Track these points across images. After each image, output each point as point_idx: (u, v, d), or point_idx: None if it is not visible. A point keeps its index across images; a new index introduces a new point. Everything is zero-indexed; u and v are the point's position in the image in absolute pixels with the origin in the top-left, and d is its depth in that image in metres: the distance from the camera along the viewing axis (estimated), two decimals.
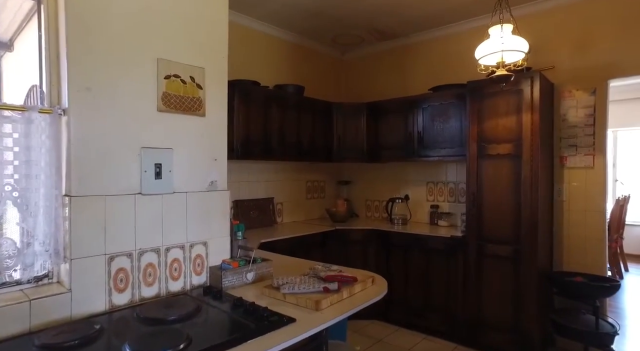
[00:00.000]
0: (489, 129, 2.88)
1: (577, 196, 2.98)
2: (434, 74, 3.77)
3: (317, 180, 4.23)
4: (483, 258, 2.90)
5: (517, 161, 2.74)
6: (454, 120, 3.28)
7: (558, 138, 3.07)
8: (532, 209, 2.68)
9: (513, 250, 2.76)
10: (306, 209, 4.10)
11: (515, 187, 2.75)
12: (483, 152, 2.90)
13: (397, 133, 3.67)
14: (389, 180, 4.12)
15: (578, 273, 2.90)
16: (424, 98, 3.49)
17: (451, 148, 3.30)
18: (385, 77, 4.19)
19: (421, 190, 3.85)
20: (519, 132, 2.73)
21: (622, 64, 2.81)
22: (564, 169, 3.05)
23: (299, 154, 3.56)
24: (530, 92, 2.68)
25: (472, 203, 2.94)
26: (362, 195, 4.35)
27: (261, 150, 3.23)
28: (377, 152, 3.83)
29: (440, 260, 3.14)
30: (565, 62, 3.04)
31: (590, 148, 2.93)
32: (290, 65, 3.94)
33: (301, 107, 3.58)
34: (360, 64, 4.43)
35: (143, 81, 1.48)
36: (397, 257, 3.41)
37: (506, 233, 2.79)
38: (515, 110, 2.75)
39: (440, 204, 3.69)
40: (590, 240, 2.92)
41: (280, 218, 3.82)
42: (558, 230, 3.06)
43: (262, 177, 3.65)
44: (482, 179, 2.90)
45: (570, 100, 3.01)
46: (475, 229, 2.93)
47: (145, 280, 1.46)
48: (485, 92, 2.89)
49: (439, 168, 3.73)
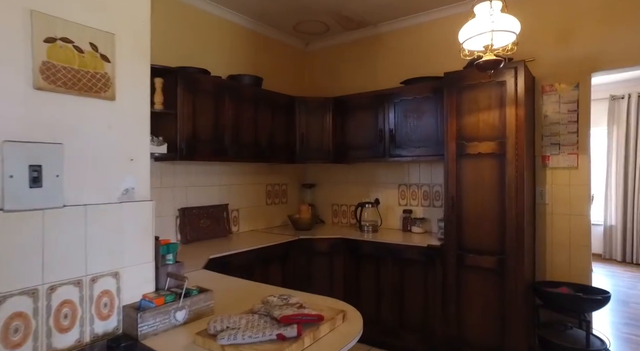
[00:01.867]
0: (469, 125, 2.58)
1: (561, 199, 2.74)
2: (406, 66, 3.45)
3: (279, 183, 3.81)
4: (464, 270, 2.59)
5: (500, 161, 2.45)
6: (429, 116, 2.97)
7: (540, 136, 2.83)
8: (517, 215, 2.40)
9: (497, 261, 2.46)
10: (266, 216, 3.67)
11: (499, 190, 2.46)
12: (462, 151, 2.59)
13: (366, 131, 3.32)
14: (357, 182, 3.76)
15: (563, 282, 2.66)
16: (395, 92, 3.16)
17: (426, 148, 2.98)
18: (354, 70, 3.84)
19: (393, 194, 3.52)
20: (503, 129, 2.44)
21: (605, 56, 2.60)
22: (546, 170, 2.80)
23: (256, 155, 3.12)
24: (514, 84, 2.40)
25: (450, 209, 2.63)
26: (329, 200, 3.97)
27: (211, 149, 2.77)
28: (344, 152, 3.46)
29: (416, 272, 2.80)
30: (546, 54, 2.81)
31: (574, 146, 2.71)
32: (247, 54, 3.50)
33: (259, 100, 3.14)
34: (326, 55, 4.05)
35: (5, 41, 1.01)
36: (368, 269, 3.05)
37: (489, 242, 2.50)
38: (498, 104, 2.47)
39: (414, 209, 3.37)
40: (575, 246, 2.69)
41: (237, 227, 3.37)
42: (541, 236, 2.81)
43: (215, 180, 3.18)
44: (462, 181, 2.60)
45: (552, 95, 2.78)
46: (455, 237, 2.62)
47: (7, 339, 0.98)
48: (465, 84, 2.59)
49: (411, 169, 3.41)
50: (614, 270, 5.51)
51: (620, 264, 5.82)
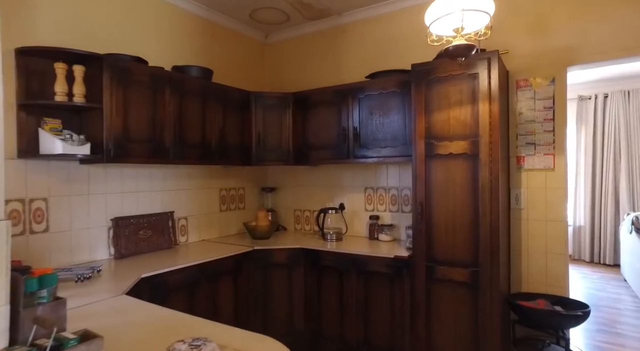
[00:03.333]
0: (439, 123, 2.32)
1: (537, 203, 2.53)
2: (373, 59, 3.18)
3: (234, 187, 3.46)
4: (434, 284, 2.33)
5: (473, 162, 2.21)
6: (396, 113, 2.70)
7: (514, 136, 2.61)
8: (492, 222, 2.15)
9: (470, 274, 2.21)
10: (221, 224, 3.31)
11: (472, 195, 2.21)
12: (432, 151, 2.33)
13: (329, 130, 3.02)
14: (321, 186, 3.46)
15: (539, 294, 2.45)
16: (360, 87, 2.87)
17: (393, 148, 2.71)
18: (317, 63, 3.54)
19: (359, 198, 3.24)
20: (475, 127, 2.20)
21: (582, 49, 2.41)
22: (521, 171, 2.59)
23: (204, 156, 2.76)
24: (487, 76, 2.16)
25: (419, 215, 2.36)
26: (291, 204, 3.65)
27: (148, 150, 2.39)
28: (306, 153, 3.15)
29: (383, 286, 2.52)
30: (520, 47, 2.59)
31: (550, 146, 2.50)
32: (196, 44, 3.13)
33: (208, 95, 2.79)
34: (288, 48, 3.73)
35: None
36: (331, 283, 2.74)
37: (462, 252, 2.24)
38: (470, 99, 2.22)
39: (381, 214, 3.10)
40: (551, 254, 2.48)
41: (185, 238, 2.99)
42: (516, 243, 2.59)
43: (157, 185, 2.80)
44: (432, 185, 2.34)
45: (527, 91, 2.57)
46: (424, 247, 2.36)
47: None
48: (434, 77, 2.33)
49: (379, 171, 3.14)
50: (584, 271, 5.46)
51: (588, 264, 5.79)
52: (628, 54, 2.27)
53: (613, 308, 3.97)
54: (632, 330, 3.42)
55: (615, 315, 3.77)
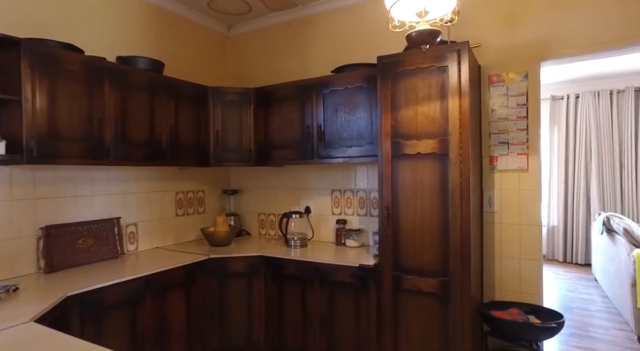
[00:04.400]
0: (406, 120, 2.14)
1: (510, 206, 2.39)
2: (342, 52, 2.98)
3: (193, 190, 3.20)
4: (402, 295, 2.15)
5: (443, 162, 2.03)
6: (362, 110, 2.51)
7: (487, 134, 2.46)
8: (463, 227, 1.98)
9: (439, 284, 2.04)
10: (177, 230, 3.04)
11: (441, 198, 2.04)
12: (399, 151, 2.15)
13: (292, 128, 2.80)
14: (287, 188, 3.24)
15: (513, 303, 2.31)
16: (325, 82, 2.67)
17: (360, 147, 2.52)
18: (283, 57, 3.31)
19: (325, 201, 3.04)
20: (445, 124, 2.03)
21: (556, 43, 2.28)
22: (494, 172, 2.44)
23: (152, 156, 2.49)
24: (457, 70, 1.99)
25: (385, 220, 2.18)
26: (255, 208, 3.42)
27: (83, 149, 2.11)
28: (268, 153, 2.92)
29: (348, 297, 2.33)
30: (492, 40, 2.45)
31: (524, 146, 2.36)
32: (149, 35, 2.86)
33: (158, 89, 2.52)
34: (251, 41, 3.49)
35: None
36: (293, 294, 2.53)
37: (430, 260, 2.07)
38: (440, 94, 2.05)
39: (349, 218, 2.91)
40: (526, 260, 2.34)
41: (134, 246, 2.72)
42: (489, 248, 2.45)
43: (100, 189, 2.51)
44: (399, 187, 2.15)
45: (499, 87, 2.42)
46: (391, 255, 2.17)
47: None
48: (401, 70, 2.15)
49: (346, 172, 2.94)
50: (557, 271, 5.44)
51: (561, 264, 5.78)
52: (601, 49, 2.15)
53: (585, 309, 3.92)
54: (603, 333, 3.37)
55: (587, 317, 3.72)
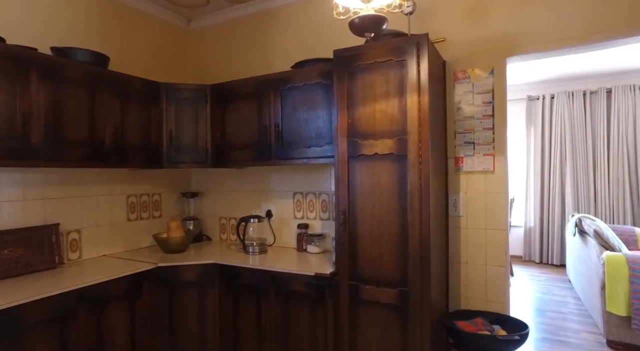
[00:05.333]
0: (363, 119, 1.99)
1: (476, 210, 2.27)
2: (306, 47, 2.82)
3: (148, 193, 2.99)
4: (359, 307, 2.00)
5: (401, 164, 1.89)
6: (321, 108, 2.36)
7: (452, 134, 2.34)
8: (422, 233, 1.85)
9: (398, 295, 1.90)
10: (129, 236, 2.83)
11: (399, 201, 1.90)
12: (356, 152, 2.00)
13: (250, 127, 2.63)
14: (248, 190, 3.06)
15: (479, 312, 2.18)
16: (283, 78, 2.50)
17: (319, 147, 2.36)
18: (245, 53, 3.14)
19: (287, 204, 2.87)
20: (403, 123, 1.88)
21: (522, 38, 2.16)
22: (460, 174, 2.32)
23: (93, 156, 2.28)
24: (416, 64, 1.85)
25: (342, 226, 2.03)
26: (216, 212, 3.23)
27: (4, 148, 1.90)
28: (225, 153, 2.74)
29: (304, 309, 2.17)
30: (458, 34, 2.32)
31: (490, 146, 2.24)
32: (95, 27, 2.64)
33: (100, 85, 2.31)
34: (213, 36, 3.31)
35: None
36: (249, 305, 2.36)
37: (389, 269, 1.92)
38: (398, 90, 1.90)
39: (311, 222, 2.75)
40: (492, 267, 2.22)
41: (77, 254, 2.50)
42: (455, 255, 2.32)
43: (34, 193, 2.29)
44: (356, 190, 2.01)
45: (465, 84, 2.30)
46: (348, 263, 2.02)
47: None
48: (358, 64, 2.00)
49: (308, 174, 2.78)
50: (532, 272, 5.40)
51: (538, 265, 5.75)
52: (567, 44, 2.05)
53: (557, 312, 3.86)
54: (574, 337, 3.30)
55: (559, 320, 3.66)
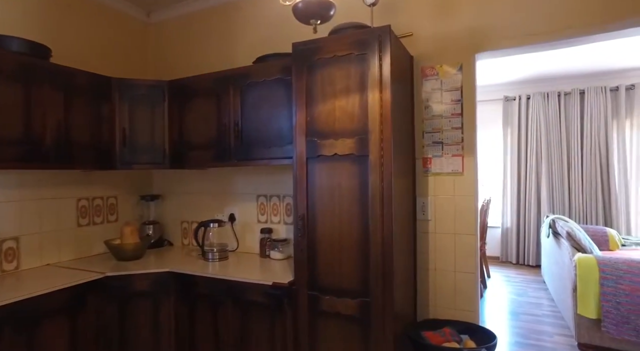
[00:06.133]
0: (323, 117, 1.86)
1: (445, 213, 2.16)
2: (272, 41, 2.67)
3: (102, 196, 2.79)
4: (319, 318, 1.86)
5: (361, 165, 1.76)
6: (282, 106, 2.21)
7: (420, 133, 2.23)
8: (384, 239, 1.72)
9: (359, 305, 1.77)
10: (79, 242, 2.62)
11: (360, 206, 1.77)
12: (315, 152, 1.86)
13: (209, 126, 2.47)
14: (211, 193, 2.90)
15: (447, 321, 2.08)
16: (242, 73, 2.35)
17: (280, 148, 2.22)
18: (209, 47, 2.97)
19: (251, 207, 2.72)
20: (364, 121, 1.76)
21: (491, 34, 2.07)
22: (428, 176, 2.21)
23: (29, 156, 2.07)
24: (378, 58, 1.73)
25: (300, 232, 1.89)
26: (178, 215, 3.05)
27: None
28: (184, 154, 2.57)
29: (262, 321, 2.02)
30: (426, 28, 2.21)
31: (459, 146, 2.14)
32: (33, 16, 2.44)
33: (38, 78, 2.11)
34: (175, 29, 3.12)
35: None
36: (206, 316, 2.19)
37: (349, 278, 1.79)
38: (359, 86, 1.77)
39: (275, 227, 2.60)
40: (461, 273, 2.12)
41: (14, 264, 2.28)
42: (423, 261, 2.21)
43: None
44: (315, 193, 1.87)
45: (433, 80, 2.19)
46: (307, 272, 1.88)
47: None
48: (318, 58, 1.86)
49: (272, 176, 2.64)
50: (509, 274, 5.38)
51: (515, 266, 5.74)
52: (537, 40, 1.96)
53: (531, 315, 3.82)
54: (546, 339, 3.26)
55: (533, 323, 3.61)
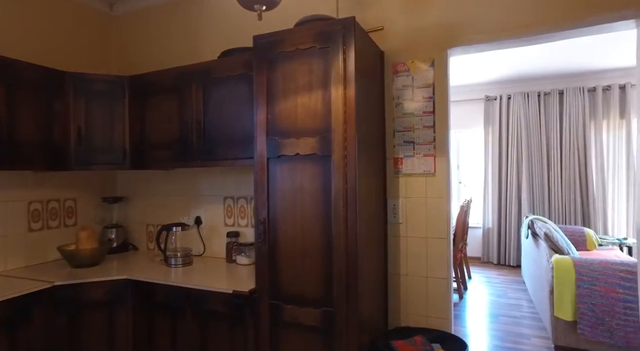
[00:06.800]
0: (284, 114, 1.74)
1: (417, 216, 2.07)
2: (239, 34, 2.54)
3: (58, 198, 2.62)
4: (281, 329, 1.74)
5: (324, 166, 1.66)
6: (246, 103, 2.09)
7: (391, 132, 2.13)
8: (348, 245, 1.61)
9: (322, 316, 1.66)
10: (31, 249, 2.45)
11: (324, 209, 1.66)
12: (276, 152, 1.75)
13: (171, 124, 2.33)
14: (177, 195, 2.75)
15: (419, 329, 1.98)
16: (205, 68, 2.22)
17: (245, 147, 2.09)
18: (177, 41, 2.82)
19: (217, 210, 2.59)
20: (327, 119, 1.65)
21: (464, 28, 1.98)
22: (399, 177, 2.11)
23: None
24: (341, 52, 1.62)
25: (261, 237, 1.77)
26: (143, 218, 2.89)
27: None
28: (145, 153, 2.43)
29: (222, 331, 1.89)
30: (398, 23, 2.12)
31: (430, 146, 2.05)
32: None
33: None
34: (140, 22, 2.96)
35: None
36: (164, 326, 2.06)
37: (312, 287, 1.68)
38: (321, 82, 1.67)
39: (242, 230, 2.48)
40: (433, 279, 2.03)
41: None
42: (395, 266, 2.11)
43: None
44: (276, 196, 1.75)
45: (404, 77, 2.10)
46: (268, 280, 1.77)
47: None
48: (279, 52, 1.75)
49: (240, 177, 2.51)
50: (489, 274, 5.35)
51: (495, 267, 5.72)
52: (510, 35, 1.87)
53: (510, 317, 3.77)
54: (525, 342, 3.21)
55: (512, 325, 3.56)
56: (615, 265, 2.71)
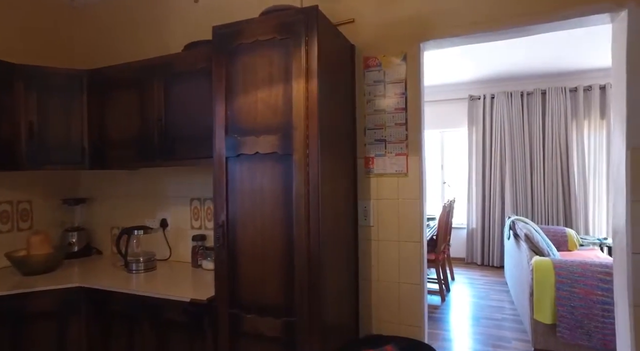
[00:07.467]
0: (244, 110, 1.62)
1: (389, 218, 1.97)
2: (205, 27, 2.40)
3: (10, 200, 2.45)
4: (241, 340, 1.62)
5: (285, 165, 1.54)
6: (208, 99, 1.96)
7: (362, 130, 2.03)
8: (311, 250, 1.50)
9: (283, 326, 1.55)
10: None
11: (285, 211, 1.55)
12: (235, 150, 1.63)
13: (131, 121, 2.19)
14: (143, 196, 2.61)
15: (391, 337, 1.89)
16: (167, 62, 2.09)
17: (208, 146, 1.94)
18: (143, 34, 2.67)
19: (184, 212, 2.46)
20: (289, 115, 1.54)
21: (437, 21, 1.89)
22: (370, 177, 2.01)
23: None
24: (304, 44, 1.51)
25: (220, 241, 1.65)
26: (108, 220, 2.74)
27: None
28: (105, 152, 2.28)
29: (181, 342, 1.76)
30: (369, 15, 2.02)
31: (403, 144, 1.95)
32: None
33: None
34: (104, 14, 2.81)
35: None
36: (121, 337, 1.92)
37: (273, 294, 1.57)
38: (282, 76, 1.55)
39: (209, 233, 2.35)
40: (405, 285, 1.93)
41: None
42: (366, 271, 2.01)
43: None
44: (236, 197, 1.63)
45: (376, 72, 1.99)
46: (227, 287, 1.65)
47: None
48: (238, 44, 1.63)
49: (207, 177, 2.38)
50: (473, 276, 5.30)
51: (479, 267, 5.68)
52: (486, 28, 1.79)
53: (492, 319, 3.71)
54: (505, 346, 3.15)
55: (493, 328, 3.50)
56: (594, 267, 2.66)
